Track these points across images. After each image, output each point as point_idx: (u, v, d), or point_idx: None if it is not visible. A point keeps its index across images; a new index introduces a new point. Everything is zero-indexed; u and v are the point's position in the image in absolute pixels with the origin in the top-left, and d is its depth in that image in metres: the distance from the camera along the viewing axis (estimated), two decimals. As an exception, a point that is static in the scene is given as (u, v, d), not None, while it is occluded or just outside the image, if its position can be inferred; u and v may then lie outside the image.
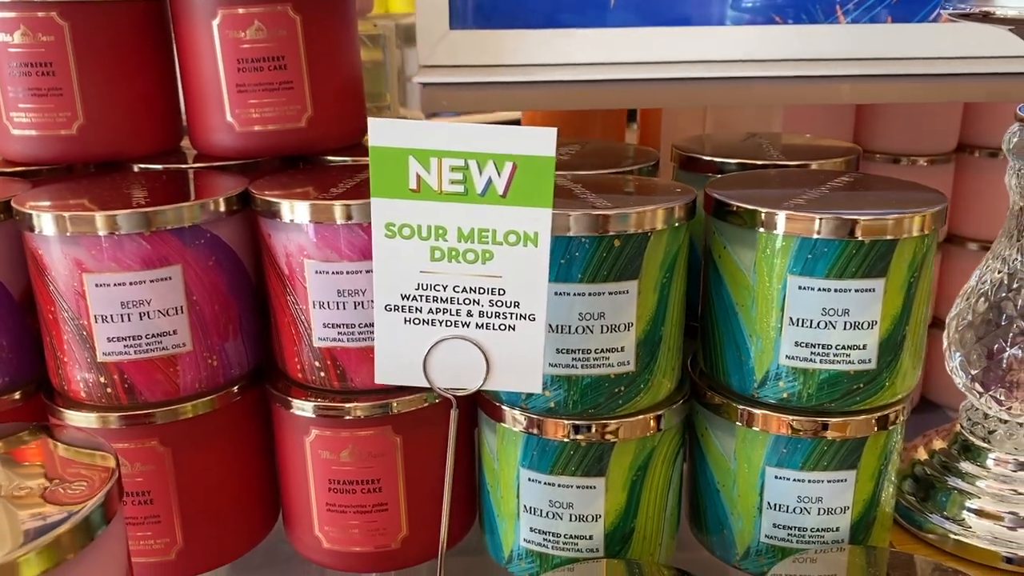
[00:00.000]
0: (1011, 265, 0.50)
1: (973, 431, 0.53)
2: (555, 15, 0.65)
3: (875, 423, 0.46)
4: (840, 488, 0.46)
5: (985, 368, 0.50)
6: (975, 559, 0.51)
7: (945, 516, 0.52)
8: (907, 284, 0.44)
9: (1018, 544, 0.50)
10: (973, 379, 0.51)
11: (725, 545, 0.50)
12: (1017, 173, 0.50)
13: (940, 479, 0.53)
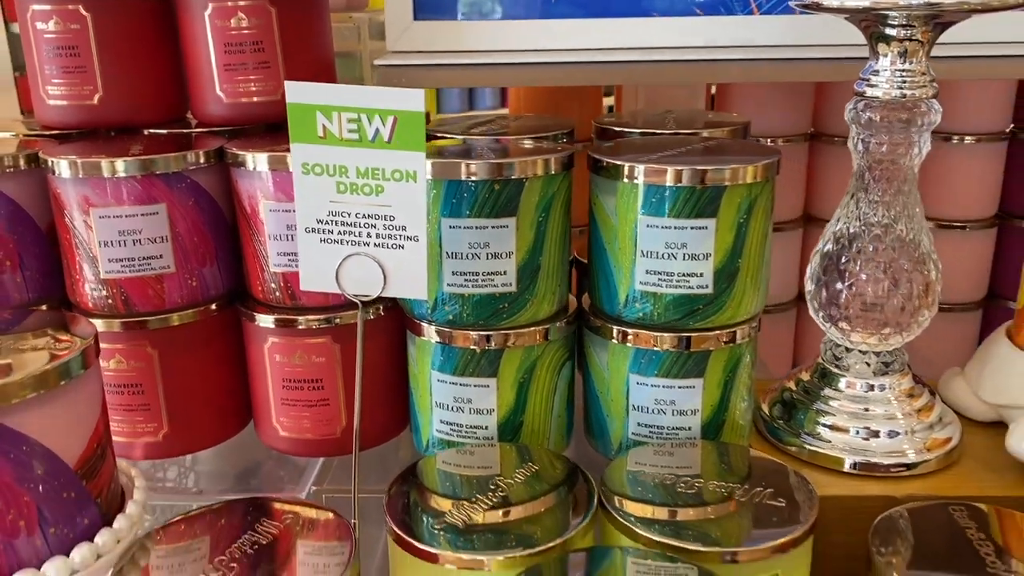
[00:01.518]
0: (850, 218, 0.59)
1: (829, 360, 0.63)
2: (506, 8, 0.76)
3: (716, 339, 0.56)
4: (690, 393, 0.57)
5: (828, 304, 0.60)
6: (823, 464, 0.60)
7: (805, 432, 0.61)
8: (737, 224, 0.54)
9: (870, 451, 0.59)
10: (819, 312, 0.61)
11: (605, 443, 0.60)
12: (860, 139, 0.59)
13: (802, 402, 0.63)
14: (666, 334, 0.56)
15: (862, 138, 0.58)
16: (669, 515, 0.48)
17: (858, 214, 0.59)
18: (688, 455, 0.55)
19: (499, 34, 0.74)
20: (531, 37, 0.74)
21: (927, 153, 0.58)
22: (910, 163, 0.58)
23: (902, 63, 0.55)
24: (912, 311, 0.58)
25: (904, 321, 0.59)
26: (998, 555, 0.47)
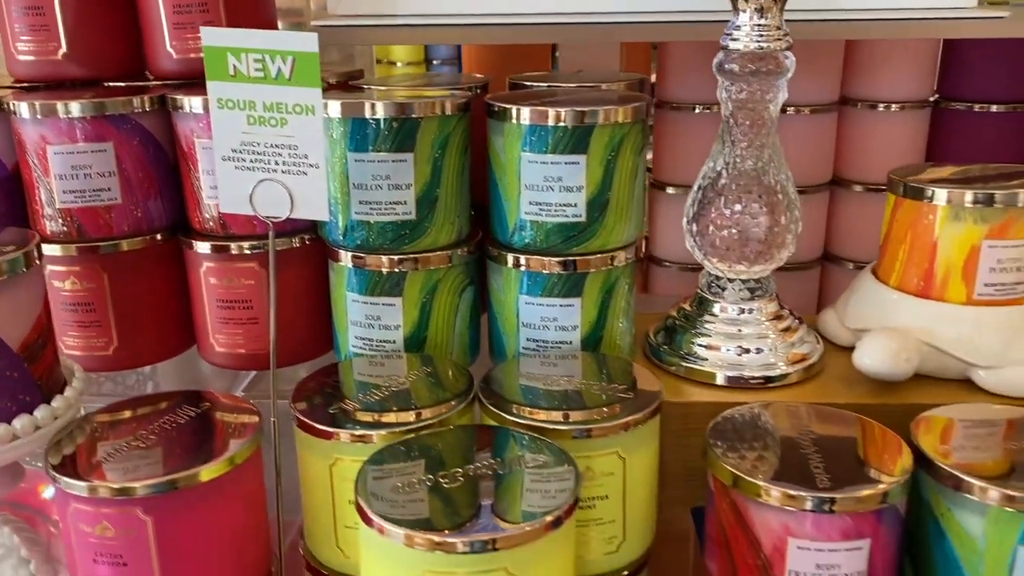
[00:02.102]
0: (717, 160, 0.66)
1: (706, 289, 0.70)
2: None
3: (592, 263, 0.63)
4: (569, 311, 0.64)
5: (701, 237, 0.67)
6: (699, 379, 0.67)
7: (683, 352, 0.69)
8: (606, 160, 0.61)
9: (741, 366, 0.66)
10: (695, 245, 0.68)
11: (502, 357, 0.68)
12: (724, 88, 0.66)
13: (683, 327, 0.70)
14: (548, 258, 0.63)
15: (726, 87, 0.65)
16: (532, 401, 0.56)
17: (724, 156, 0.66)
18: (565, 363, 0.63)
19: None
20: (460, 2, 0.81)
21: (783, 100, 0.65)
22: (770, 110, 0.65)
23: (759, 19, 0.62)
24: (772, 244, 0.66)
25: (766, 252, 0.66)
26: (817, 445, 0.54)
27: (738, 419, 0.57)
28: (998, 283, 0.65)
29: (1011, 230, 0.64)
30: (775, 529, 0.51)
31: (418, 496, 0.46)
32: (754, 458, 0.53)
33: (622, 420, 0.54)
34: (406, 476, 0.48)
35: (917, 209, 0.66)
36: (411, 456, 0.50)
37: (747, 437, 0.56)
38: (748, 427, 0.57)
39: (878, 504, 0.50)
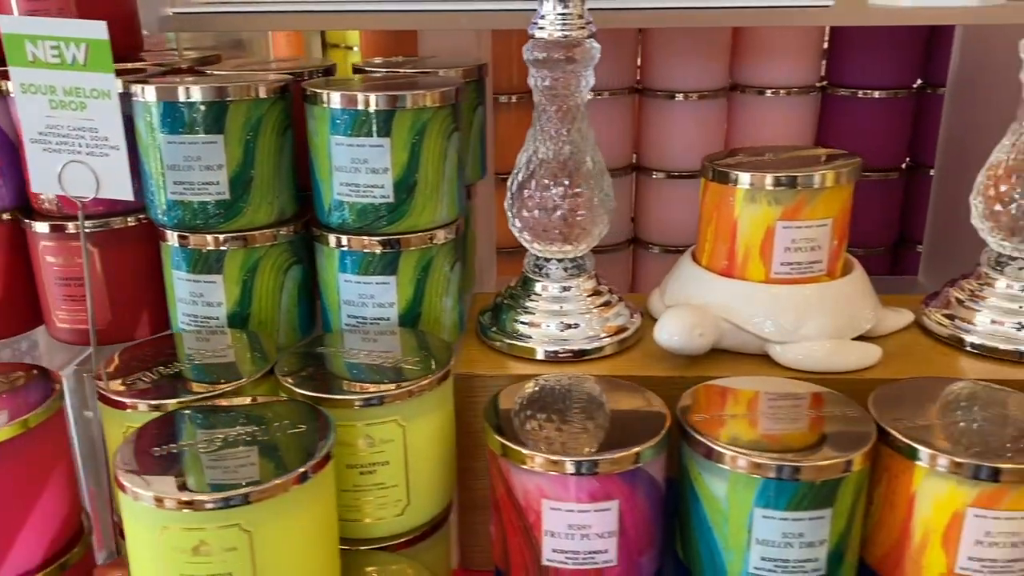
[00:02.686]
0: (530, 146, 0.69)
1: (530, 269, 0.73)
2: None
3: (406, 243, 0.66)
4: (385, 288, 0.67)
5: (520, 220, 0.70)
6: (520, 354, 0.70)
7: (508, 330, 0.71)
8: (411, 143, 0.64)
9: (565, 340, 0.69)
10: (517, 230, 0.71)
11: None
12: (535, 76, 0.68)
13: (509, 306, 0.73)
14: (363, 238, 0.66)
15: (534, 74, 0.67)
16: (320, 374, 0.59)
17: (536, 142, 0.69)
18: (382, 339, 0.66)
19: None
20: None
21: (589, 87, 0.67)
22: (577, 96, 0.67)
23: (562, 8, 0.65)
24: (580, 226, 0.68)
25: (575, 234, 0.69)
26: (587, 413, 0.57)
27: (520, 391, 0.61)
28: (793, 262, 0.68)
29: (803, 211, 0.67)
30: (532, 492, 0.54)
31: (170, 460, 0.49)
32: (522, 427, 0.56)
33: (399, 390, 0.57)
34: (167, 443, 0.51)
35: (721, 192, 0.69)
36: (181, 424, 0.53)
37: (523, 407, 0.59)
38: (528, 399, 0.60)
39: (626, 467, 0.53)
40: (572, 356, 0.69)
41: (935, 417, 0.56)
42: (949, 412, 0.57)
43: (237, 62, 0.84)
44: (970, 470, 0.51)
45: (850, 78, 1.20)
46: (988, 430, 0.54)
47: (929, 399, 0.59)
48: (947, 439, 0.53)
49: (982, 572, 0.53)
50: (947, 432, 0.54)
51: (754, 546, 0.53)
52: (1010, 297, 0.69)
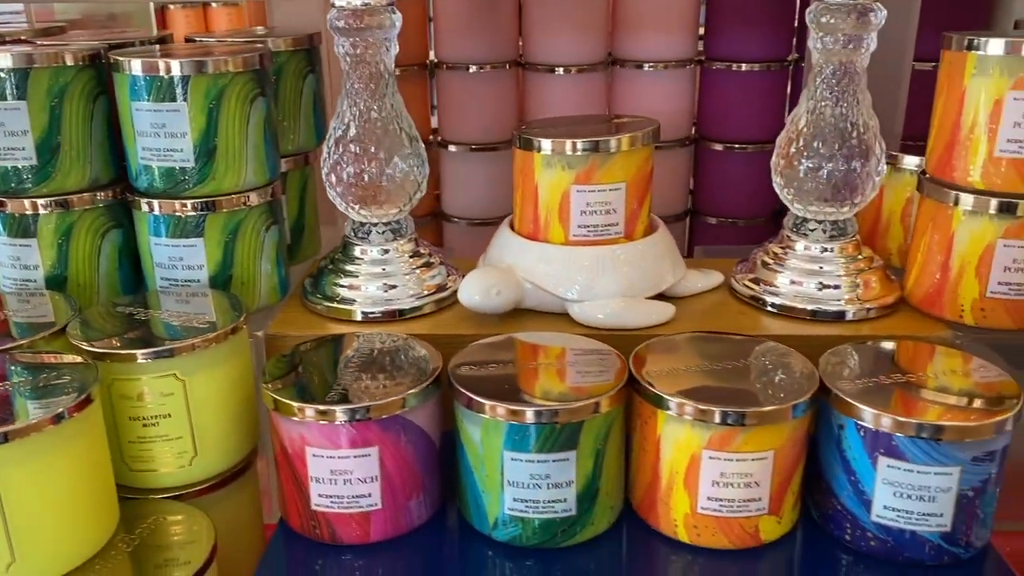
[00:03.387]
0: (344, 113, 0.71)
1: (351, 235, 0.75)
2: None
3: (209, 206, 0.68)
4: (193, 251, 0.69)
5: (339, 185, 0.72)
6: (339, 316, 0.72)
7: (326, 294, 0.73)
8: (208, 108, 0.66)
9: (386, 302, 0.71)
10: (335, 195, 0.73)
11: (149, 297, 0.73)
12: (340, 44, 0.70)
13: (331, 270, 0.75)
14: (168, 201, 0.68)
15: (341, 43, 0.69)
16: (110, 331, 0.61)
17: (350, 108, 0.71)
18: (194, 301, 0.68)
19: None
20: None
21: (395, 54, 0.69)
22: (382, 63, 0.69)
23: (361, -22, 0.67)
24: (389, 191, 0.71)
25: (383, 199, 0.71)
26: (364, 368, 0.60)
27: (302, 349, 0.63)
28: (590, 225, 0.71)
29: (596, 176, 0.69)
30: (296, 440, 0.57)
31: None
32: (295, 381, 0.58)
33: (177, 345, 0.59)
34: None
35: (525, 158, 0.71)
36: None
37: (301, 363, 0.61)
38: (310, 356, 0.62)
39: (384, 415, 0.56)
40: (389, 317, 0.71)
41: (683, 367, 0.59)
42: (697, 362, 0.60)
43: (86, 33, 0.86)
44: (704, 415, 0.54)
45: (726, 51, 1.23)
46: (727, 378, 0.57)
47: (687, 352, 0.61)
48: (687, 387, 0.56)
49: (720, 511, 0.56)
50: (688, 380, 0.57)
51: (507, 488, 0.56)
52: (810, 259, 0.72)
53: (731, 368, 0.58)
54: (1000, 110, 0.62)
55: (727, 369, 0.58)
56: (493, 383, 0.57)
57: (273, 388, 0.57)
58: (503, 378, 0.58)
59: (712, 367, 0.59)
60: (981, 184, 0.65)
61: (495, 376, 0.58)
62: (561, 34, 1.19)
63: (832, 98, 0.68)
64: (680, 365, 0.59)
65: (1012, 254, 0.65)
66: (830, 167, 0.68)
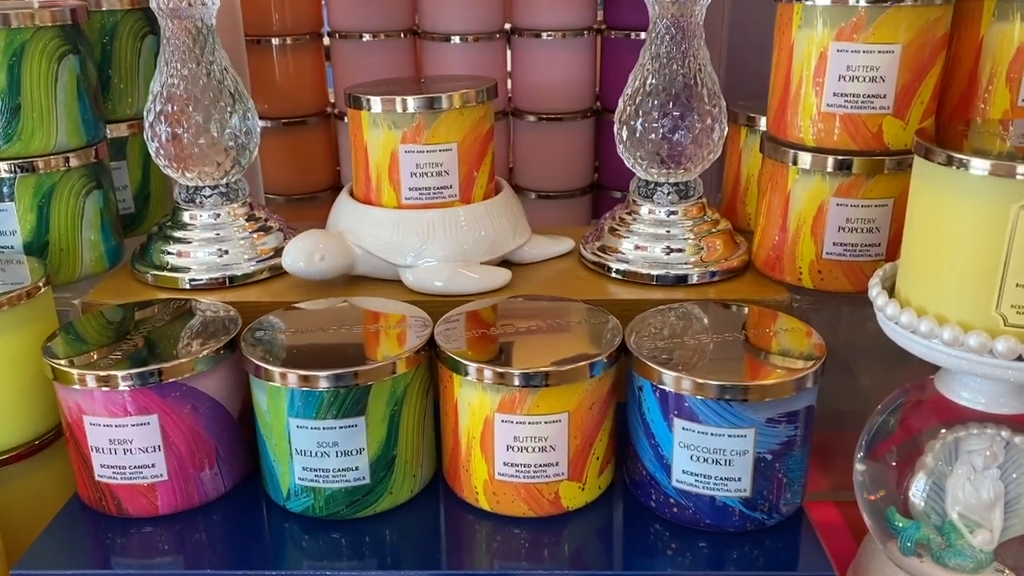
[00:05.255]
0: (166, 72, 0.68)
1: (183, 201, 0.72)
2: None
3: (15, 168, 0.65)
4: (3, 216, 0.66)
5: (161, 146, 0.69)
6: (166, 285, 0.69)
7: (154, 263, 0.69)
8: (8, 64, 0.63)
9: (212, 267, 0.68)
10: (158, 157, 0.70)
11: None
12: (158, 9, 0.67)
13: (155, 238, 0.71)
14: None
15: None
16: None
17: (168, 68, 0.68)
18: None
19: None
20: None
21: (213, 14, 0.66)
22: (201, 31, 0.66)
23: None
24: (200, 151, 0.68)
25: (208, 161, 0.68)
26: (153, 331, 0.57)
27: (96, 317, 0.60)
28: (421, 187, 0.68)
29: (423, 136, 0.67)
30: (74, 409, 0.54)
31: None
32: (79, 349, 0.56)
33: None
34: None
35: (355, 118, 0.69)
36: None
37: (91, 331, 0.59)
38: (103, 323, 0.60)
39: (164, 381, 0.53)
40: (218, 284, 0.68)
41: (488, 331, 0.56)
42: (503, 326, 0.57)
43: None
44: (496, 377, 0.51)
45: (626, 20, 1.20)
46: (530, 342, 0.55)
47: (497, 316, 0.59)
48: (486, 350, 0.54)
49: (517, 477, 0.53)
50: (489, 345, 0.55)
51: (296, 457, 0.54)
52: (655, 222, 0.70)
53: (535, 330, 0.56)
54: (825, 63, 0.60)
55: (531, 331, 0.56)
56: (284, 350, 0.55)
57: (50, 356, 0.54)
58: (296, 346, 0.55)
59: (516, 331, 0.56)
60: (812, 142, 0.62)
61: (287, 344, 0.56)
62: (457, 2, 1.16)
63: (665, 56, 0.65)
64: (486, 330, 0.57)
65: (845, 213, 0.63)
66: (665, 127, 0.66)
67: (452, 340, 0.55)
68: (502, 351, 0.53)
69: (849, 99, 0.60)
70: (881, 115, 0.60)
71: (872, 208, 0.62)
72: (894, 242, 0.63)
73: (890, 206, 0.62)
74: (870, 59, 0.59)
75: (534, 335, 0.56)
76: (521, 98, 1.21)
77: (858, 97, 0.60)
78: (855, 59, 0.59)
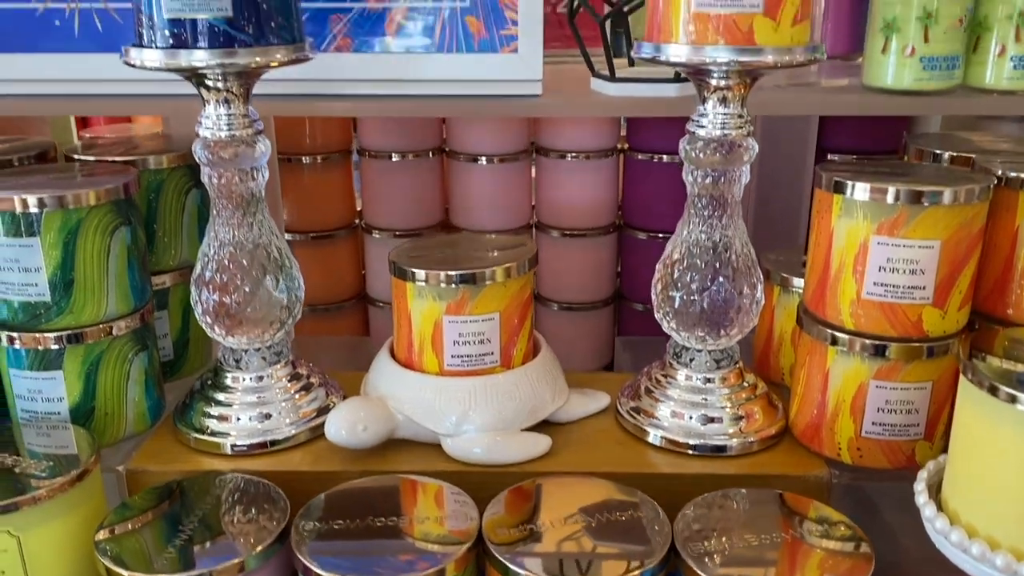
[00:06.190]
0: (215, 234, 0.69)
1: (225, 361, 0.73)
2: (34, 42, 0.85)
3: (66, 339, 0.66)
4: (51, 384, 0.67)
5: (208, 314, 0.70)
6: (208, 450, 0.70)
7: (194, 425, 0.70)
8: (64, 243, 0.64)
9: (261, 432, 0.69)
10: (207, 324, 0.71)
11: (12, 426, 0.71)
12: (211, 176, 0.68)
13: (197, 397, 0.72)
14: (30, 334, 0.66)
15: (209, 173, 0.67)
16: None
17: (217, 230, 0.69)
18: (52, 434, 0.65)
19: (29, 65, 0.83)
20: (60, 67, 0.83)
21: (263, 183, 0.68)
22: (253, 187, 0.67)
23: (227, 109, 0.65)
24: (250, 317, 0.69)
25: (254, 327, 0.69)
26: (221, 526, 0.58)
27: (142, 501, 0.61)
28: (463, 355, 0.69)
29: (467, 307, 0.68)
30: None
31: None
32: (131, 542, 0.56)
33: (10, 501, 0.56)
34: None
35: (399, 286, 0.70)
36: None
37: (139, 519, 0.59)
38: (150, 507, 0.60)
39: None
40: (260, 448, 0.69)
41: (529, 525, 0.57)
42: (548, 517, 0.57)
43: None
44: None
45: (648, 143, 1.22)
46: (576, 542, 0.55)
47: (551, 506, 0.59)
48: (534, 552, 0.54)
49: None
50: (535, 544, 0.55)
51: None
52: (691, 389, 0.70)
53: (582, 529, 0.57)
54: (866, 254, 0.61)
55: (577, 532, 0.56)
56: (334, 551, 0.55)
57: (104, 555, 0.54)
58: (346, 547, 0.55)
59: (563, 527, 0.57)
60: (851, 324, 0.64)
61: (337, 543, 0.56)
62: (484, 123, 1.18)
63: (704, 231, 0.67)
64: (532, 524, 0.57)
65: (884, 395, 0.63)
66: (705, 298, 0.67)
67: (499, 533, 0.55)
68: (554, 557, 0.54)
69: (889, 289, 0.61)
70: (921, 305, 0.61)
71: (911, 391, 0.63)
72: (932, 423, 0.64)
73: (929, 388, 0.63)
74: (910, 253, 0.60)
75: (581, 536, 0.56)
76: (545, 214, 1.22)
77: (898, 288, 0.61)
78: (895, 252, 0.60)
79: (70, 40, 0.83)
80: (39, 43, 0.82)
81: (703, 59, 0.58)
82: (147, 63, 0.60)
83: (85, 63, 0.81)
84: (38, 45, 0.82)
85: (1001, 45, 0.72)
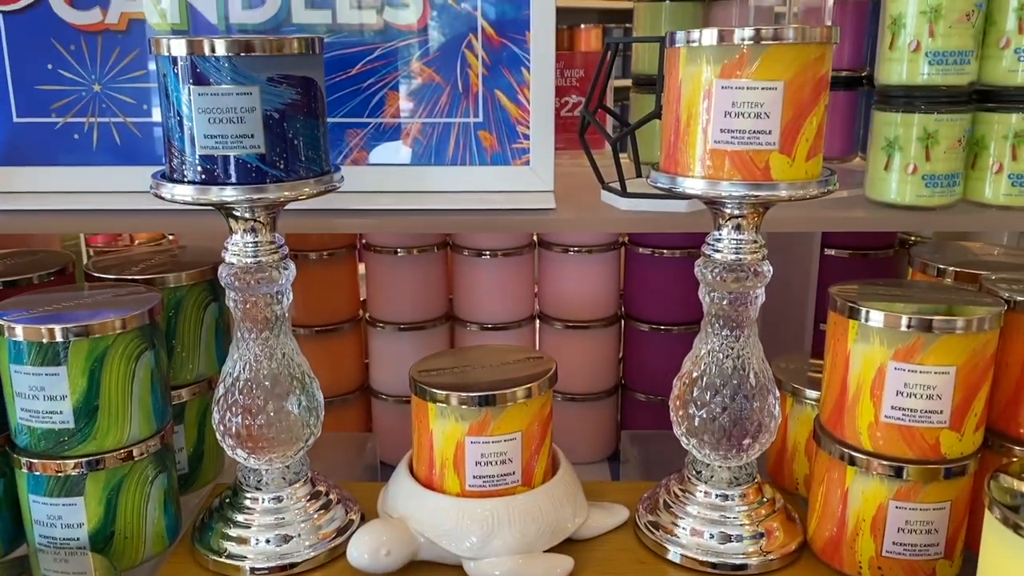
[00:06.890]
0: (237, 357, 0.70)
1: (242, 480, 0.72)
2: (53, 156, 0.86)
3: (88, 464, 0.66)
4: (72, 510, 0.67)
5: (231, 436, 0.70)
6: (224, 572, 0.69)
7: (212, 548, 0.69)
8: (90, 370, 0.65)
9: (281, 555, 0.68)
10: (228, 446, 0.71)
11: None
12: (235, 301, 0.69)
13: (215, 517, 0.71)
14: (49, 461, 0.66)
15: (233, 297, 0.68)
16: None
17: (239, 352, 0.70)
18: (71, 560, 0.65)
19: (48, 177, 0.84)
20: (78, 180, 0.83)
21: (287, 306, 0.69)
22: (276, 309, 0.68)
23: (253, 237, 0.66)
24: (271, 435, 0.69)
25: (275, 448, 0.69)
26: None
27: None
28: (485, 476, 0.69)
29: (489, 428, 0.68)
30: None
31: None
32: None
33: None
34: None
35: (420, 406, 0.70)
36: None
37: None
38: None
39: None
40: (279, 571, 0.68)
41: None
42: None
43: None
44: None
45: (650, 238, 1.25)
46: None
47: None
48: None
49: None
50: None
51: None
52: (710, 506, 0.71)
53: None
54: (883, 379, 0.62)
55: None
56: None
57: None
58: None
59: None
60: (870, 446, 0.65)
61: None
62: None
63: (721, 350, 0.68)
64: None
65: (904, 515, 0.64)
66: (725, 417, 0.68)
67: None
68: None
69: (907, 413, 0.62)
70: (938, 428, 0.62)
71: (930, 511, 0.64)
72: (951, 542, 0.65)
73: (947, 508, 0.64)
74: (927, 379, 0.61)
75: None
76: (548, 306, 1.24)
77: (916, 412, 0.62)
78: (912, 378, 0.61)
79: (88, 153, 0.85)
80: (57, 157, 0.84)
81: (719, 193, 0.60)
82: (178, 198, 0.61)
83: (103, 176, 0.83)
84: (57, 159, 0.83)
85: (999, 163, 0.75)
